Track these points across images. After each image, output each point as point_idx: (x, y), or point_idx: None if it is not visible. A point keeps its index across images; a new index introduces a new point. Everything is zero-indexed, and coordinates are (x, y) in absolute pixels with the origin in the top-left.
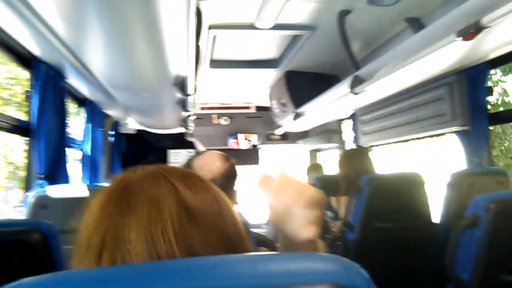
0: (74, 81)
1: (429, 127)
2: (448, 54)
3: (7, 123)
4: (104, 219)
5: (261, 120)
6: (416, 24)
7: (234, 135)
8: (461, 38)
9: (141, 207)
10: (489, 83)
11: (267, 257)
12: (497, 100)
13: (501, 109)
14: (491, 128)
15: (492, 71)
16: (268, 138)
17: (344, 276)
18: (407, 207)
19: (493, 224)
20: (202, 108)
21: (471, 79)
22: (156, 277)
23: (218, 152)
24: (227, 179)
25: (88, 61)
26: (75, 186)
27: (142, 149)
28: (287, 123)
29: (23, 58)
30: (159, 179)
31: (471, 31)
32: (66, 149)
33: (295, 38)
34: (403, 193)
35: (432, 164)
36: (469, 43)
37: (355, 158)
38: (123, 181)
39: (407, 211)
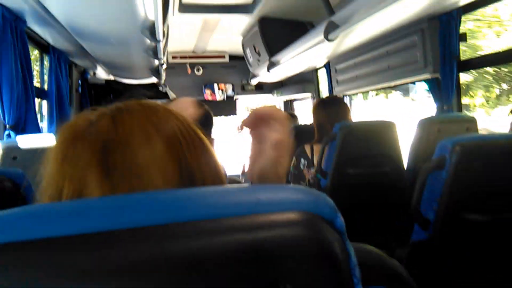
0: (36, 26)
1: (402, 74)
2: None
3: None
4: (60, 166)
5: (235, 69)
6: None
7: (209, 85)
8: None
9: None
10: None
11: (237, 189)
12: None
13: None
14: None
15: None
16: (243, 89)
17: (311, 204)
18: (379, 153)
19: (458, 165)
20: (174, 57)
21: (444, 25)
22: (126, 209)
23: (191, 98)
24: (202, 126)
25: (50, 5)
26: (44, 136)
27: (114, 100)
28: (262, 73)
29: None
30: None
31: None
32: (33, 98)
33: None
34: (375, 140)
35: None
36: None
37: (330, 106)
38: (72, 127)
39: (379, 157)
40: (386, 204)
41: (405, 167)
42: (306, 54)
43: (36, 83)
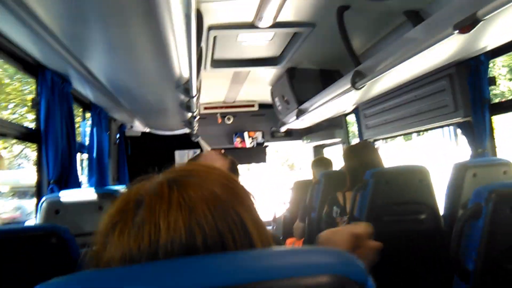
0: (79, 86)
1: (432, 119)
2: (447, 46)
3: (16, 130)
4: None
5: (264, 117)
6: (415, 17)
7: (239, 133)
8: (458, 31)
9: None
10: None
11: (269, 252)
12: None
13: None
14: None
15: None
16: (272, 136)
17: (342, 267)
18: (413, 200)
19: (495, 214)
20: (206, 108)
21: (472, 70)
22: (166, 274)
23: (217, 152)
24: None
25: (92, 66)
26: (85, 191)
27: (148, 151)
28: (291, 120)
29: (29, 66)
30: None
31: (467, 24)
32: (76, 153)
33: (295, 36)
34: (408, 186)
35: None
36: (468, 34)
37: (361, 152)
38: (128, 196)
39: (413, 204)
40: (424, 252)
41: (441, 213)
42: (334, 102)
43: (78, 138)
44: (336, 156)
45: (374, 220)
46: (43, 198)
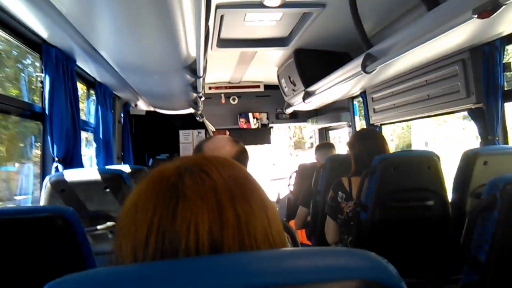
0: (84, 64)
1: (442, 104)
2: (462, 31)
3: (20, 108)
4: (150, 212)
5: (270, 98)
6: (430, 0)
7: (243, 114)
8: (477, 16)
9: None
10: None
11: (296, 253)
12: None
13: None
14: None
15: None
16: (277, 117)
17: (373, 272)
18: (421, 186)
19: (510, 206)
20: (211, 88)
21: (486, 56)
22: (184, 276)
23: (227, 136)
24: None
25: (98, 44)
26: (91, 170)
27: (153, 130)
28: (297, 102)
29: (33, 42)
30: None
31: (487, 8)
32: (80, 132)
33: (304, 16)
34: (416, 173)
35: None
36: (484, 19)
37: (367, 138)
38: (165, 174)
39: (421, 190)
40: (430, 239)
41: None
42: (342, 85)
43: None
44: (342, 138)
45: (381, 206)
46: (48, 177)
